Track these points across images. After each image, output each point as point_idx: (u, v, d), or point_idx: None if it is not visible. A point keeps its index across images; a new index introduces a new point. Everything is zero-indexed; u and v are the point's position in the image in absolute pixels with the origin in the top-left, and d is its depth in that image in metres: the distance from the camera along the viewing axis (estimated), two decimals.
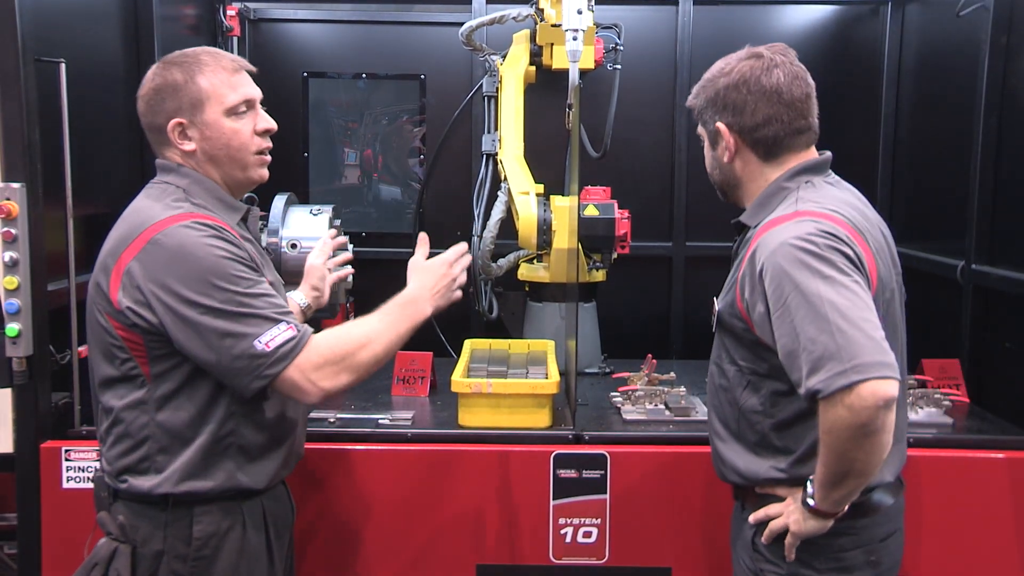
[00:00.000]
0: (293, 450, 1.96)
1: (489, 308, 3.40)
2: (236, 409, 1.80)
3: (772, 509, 1.77)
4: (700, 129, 1.90)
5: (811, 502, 1.67)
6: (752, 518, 1.80)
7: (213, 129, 1.82)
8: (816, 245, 1.60)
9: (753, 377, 1.77)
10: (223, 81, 1.83)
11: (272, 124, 1.90)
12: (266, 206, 2.90)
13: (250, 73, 1.90)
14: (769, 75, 1.76)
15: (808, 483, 1.69)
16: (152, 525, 1.80)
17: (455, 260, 1.99)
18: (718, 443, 1.88)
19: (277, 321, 1.72)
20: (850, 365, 1.49)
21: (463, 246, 2.04)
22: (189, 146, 1.83)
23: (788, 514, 1.73)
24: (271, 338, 1.70)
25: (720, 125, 1.80)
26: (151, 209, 1.78)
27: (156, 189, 1.85)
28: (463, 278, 2.01)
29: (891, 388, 1.50)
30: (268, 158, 1.91)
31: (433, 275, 1.95)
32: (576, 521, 2.40)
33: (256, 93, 1.89)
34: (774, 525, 1.75)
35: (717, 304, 1.84)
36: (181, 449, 1.78)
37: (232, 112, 1.83)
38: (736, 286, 1.75)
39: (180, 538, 1.80)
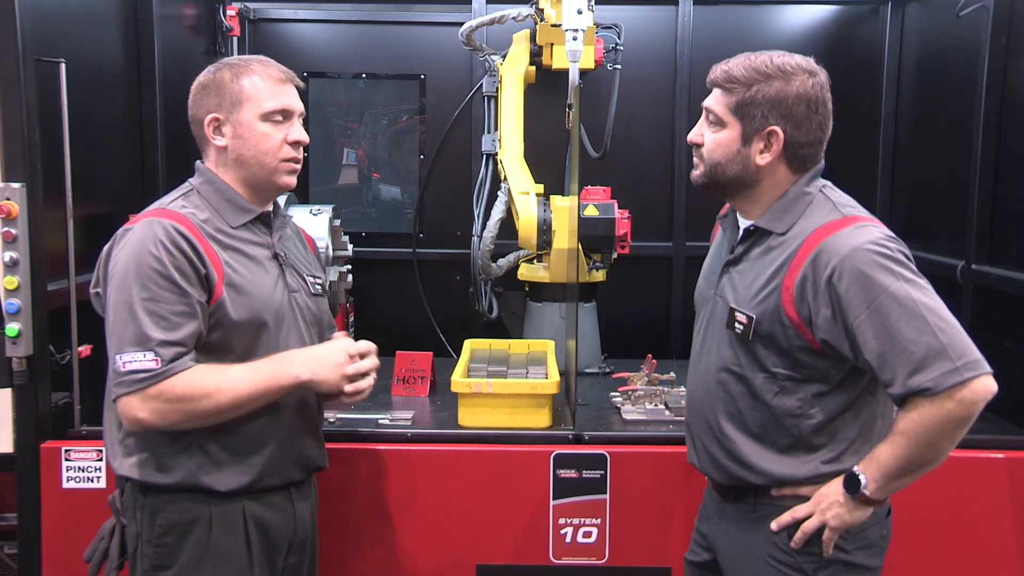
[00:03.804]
0: (280, 462, 1.92)
1: (489, 308, 3.40)
2: None
3: (799, 512, 1.78)
4: (722, 109, 1.81)
5: (866, 492, 1.70)
6: (776, 525, 1.80)
7: (245, 129, 1.88)
8: (891, 250, 1.67)
9: (788, 383, 1.78)
10: (266, 87, 1.89)
11: (304, 137, 1.94)
12: None
13: (298, 88, 1.95)
14: (828, 100, 1.79)
15: (854, 476, 1.71)
16: (134, 506, 1.86)
17: (357, 352, 1.89)
18: (739, 448, 1.84)
19: (147, 347, 1.71)
20: (961, 363, 1.59)
21: (372, 363, 1.92)
22: (221, 142, 1.89)
23: (822, 512, 1.75)
24: (131, 359, 1.72)
25: (777, 130, 1.77)
26: (154, 204, 1.90)
27: (178, 187, 1.94)
28: (364, 384, 1.91)
29: (994, 384, 1.62)
30: (297, 167, 1.95)
31: (330, 350, 1.88)
32: (576, 521, 2.40)
33: (297, 106, 1.94)
34: (808, 526, 1.77)
35: (742, 314, 1.80)
36: (144, 437, 1.83)
37: (267, 118, 1.88)
38: (782, 292, 1.73)
39: (149, 522, 1.84)
